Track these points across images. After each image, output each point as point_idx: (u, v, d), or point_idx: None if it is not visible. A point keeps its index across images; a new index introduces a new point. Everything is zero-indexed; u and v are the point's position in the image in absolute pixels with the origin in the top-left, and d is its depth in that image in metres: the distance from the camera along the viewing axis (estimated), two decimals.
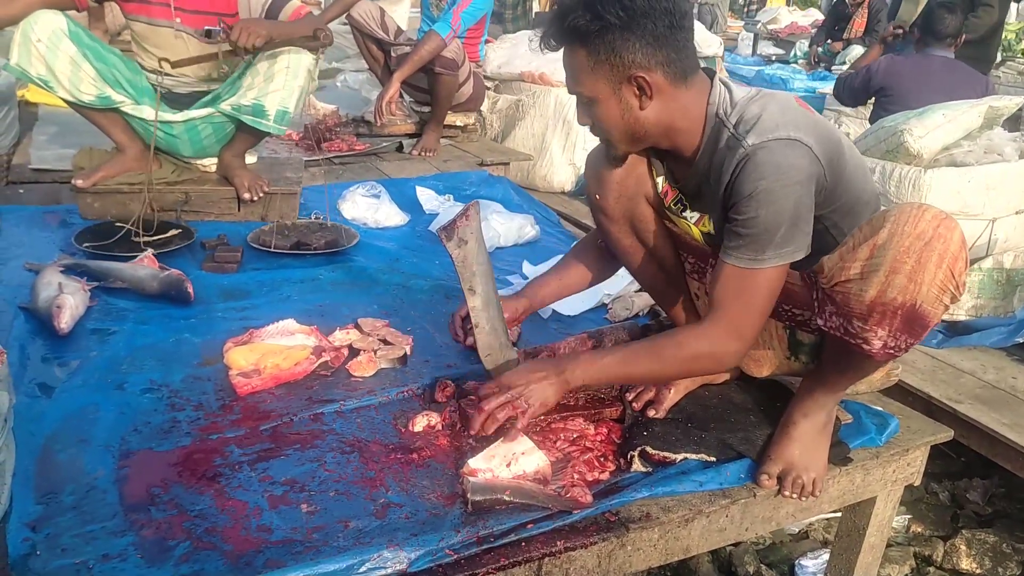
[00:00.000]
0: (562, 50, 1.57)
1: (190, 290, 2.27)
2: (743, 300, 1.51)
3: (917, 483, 1.92)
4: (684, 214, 1.74)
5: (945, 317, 2.81)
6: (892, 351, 1.46)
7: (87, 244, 2.59)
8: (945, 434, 1.89)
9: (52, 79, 2.65)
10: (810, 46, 8.69)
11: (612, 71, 1.51)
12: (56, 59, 2.62)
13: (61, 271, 2.29)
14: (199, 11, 2.83)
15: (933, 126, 3.03)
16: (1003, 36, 8.17)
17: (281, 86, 2.81)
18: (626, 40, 1.47)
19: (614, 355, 1.60)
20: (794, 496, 1.63)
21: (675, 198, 1.74)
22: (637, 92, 1.52)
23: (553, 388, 1.56)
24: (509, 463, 1.54)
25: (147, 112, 2.81)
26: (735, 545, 2.41)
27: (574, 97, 1.61)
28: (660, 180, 1.75)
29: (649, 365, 1.58)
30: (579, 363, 1.58)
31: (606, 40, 1.48)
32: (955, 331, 2.79)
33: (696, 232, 1.74)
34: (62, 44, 2.61)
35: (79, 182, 2.86)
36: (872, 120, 4.09)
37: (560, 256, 2.60)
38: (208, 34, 2.85)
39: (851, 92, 4.35)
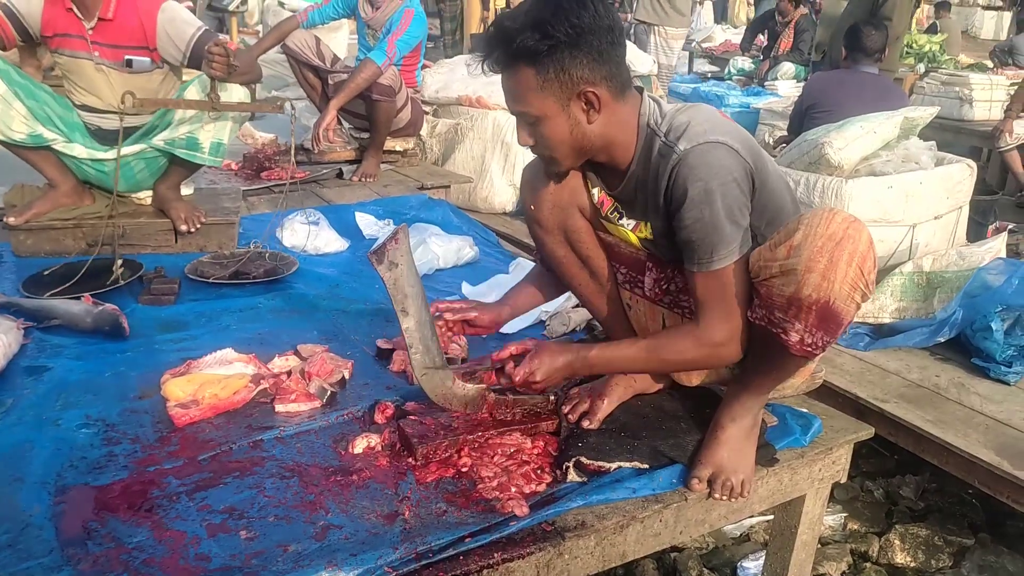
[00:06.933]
0: (502, 72, 1.61)
1: (125, 325, 2.26)
2: (721, 296, 1.61)
3: (843, 480, 1.99)
4: (621, 221, 1.80)
5: (870, 320, 2.93)
6: (809, 348, 1.53)
7: (47, 292, 2.51)
8: (866, 432, 1.97)
9: None
10: (761, 61, 9.04)
11: (561, 88, 1.56)
12: None
13: None
14: (116, 45, 2.85)
15: (852, 138, 3.16)
16: (928, 48, 8.57)
17: (214, 119, 2.82)
18: (574, 57, 1.54)
19: (632, 351, 1.71)
20: (724, 498, 1.68)
21: (612, 207, 1.81)
22: (585, 107, 1.59)
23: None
24: None
25: (78, 150, 2.80)
26: (679, 551, 2.47)
27: (511, 119, 1.67)
28: (596, 191, 1.82)
29: (670, 360, 1.72)
30: (592, 362, 1.72)
31: (555, 58, 1.53)
32: (880, 333, 2.90)
33: (634, 238, 1.80)
34: None
35: (11, 219, 2.84)
36: None
37: (498, 275, 2.66)
38: (129, 64, 2.85)
39: (792, 124, 4.37)
